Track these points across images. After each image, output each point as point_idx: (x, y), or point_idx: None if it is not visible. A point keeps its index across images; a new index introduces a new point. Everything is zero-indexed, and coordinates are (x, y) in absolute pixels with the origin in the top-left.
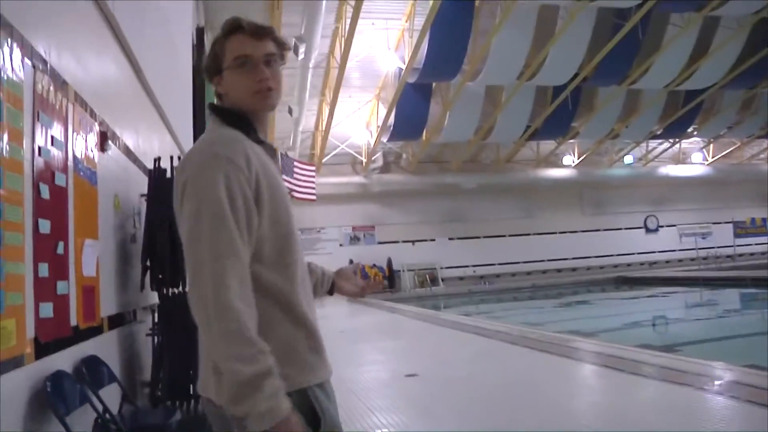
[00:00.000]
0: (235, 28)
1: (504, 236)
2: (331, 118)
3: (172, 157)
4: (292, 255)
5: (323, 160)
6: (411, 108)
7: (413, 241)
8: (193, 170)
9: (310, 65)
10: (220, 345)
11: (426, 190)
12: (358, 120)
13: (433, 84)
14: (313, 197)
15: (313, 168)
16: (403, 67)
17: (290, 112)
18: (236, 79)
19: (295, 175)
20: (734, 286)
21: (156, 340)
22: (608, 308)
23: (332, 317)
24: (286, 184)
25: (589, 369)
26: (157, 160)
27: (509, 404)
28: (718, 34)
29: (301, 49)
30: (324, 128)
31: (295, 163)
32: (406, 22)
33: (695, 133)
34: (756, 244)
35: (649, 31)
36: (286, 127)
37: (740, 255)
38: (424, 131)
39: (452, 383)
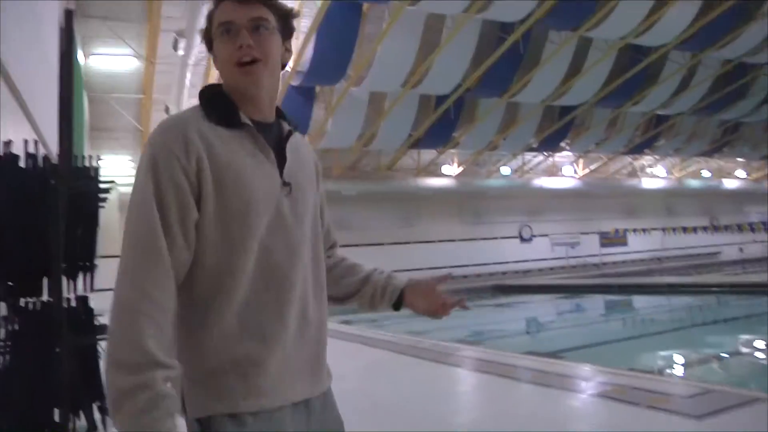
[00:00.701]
0: None
1: (384, 244)
2: None
3: (26, 141)
4: (240, 264)
5: None
6: (293, 112)
7: None
8: (140, 159)
9: (190, 62)
10: (109, 347)
11: None
12: None
13: (317, 88)
14: None
15: None
16: (287, 69)
17: (167, 111)
18: (220, 49)
19: None
20: (603, 293)
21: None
22: (488, 316)
23: None
24: None
25: (477, 377)
26: (8, 143)
27: (402, 417)
28: (591, 54)
29: (181, 45)
30: None
31: None
32: None
33: (567, 147)
34: (619, 253)
35: (530, 46)
36: None
37: (605, 263)
38: (306, 136)
39: (341, 397)
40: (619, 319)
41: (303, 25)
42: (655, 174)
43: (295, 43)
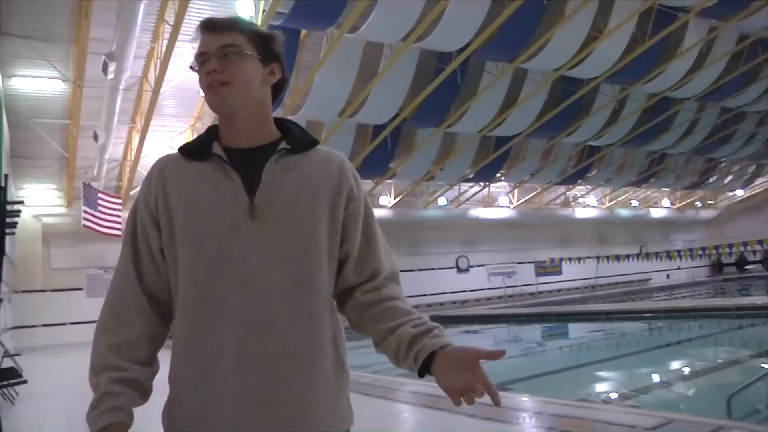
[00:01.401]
0: (199, 29)
1: None
2: (141, 148)
3: None
4: (184, 289)
5: (131, 193)
6: None
7: None
8: None
9: (121, 87)
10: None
11: None
12: (171, 151)
13: None
14: (119, 232)
15: (120, 201)
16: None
17: (95, 137)
18: (199, 76)
19: (99, 208)
20: (540, 322)
21: None
22: None
23: None
24: (89, 217)
25: (421, 412)
26: None
27: None
28: (526, 85)
29: (111, 69)
30: (133, 158)
31: (100, 195)
32: None
33: (503, 177)
34: (554, 282)
35: (467, 76)
36: (91, 154)
37: (540, 292)
38: None
39: None
40: (560, 347)
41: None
42: (587, 204)
43: None
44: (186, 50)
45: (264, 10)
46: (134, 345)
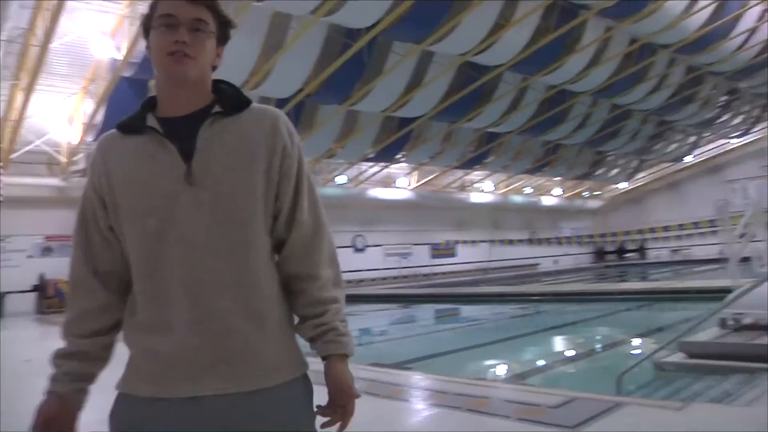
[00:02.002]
0: None
1: None
2: (26, 108)
3: None
4: (133, 258)
5: (12, 156)
6: (125, 106)
7: None
8: None
9: (2, 38)
10: None
11: None
12: (60, 113)
13: (151, 82)
14: None
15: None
16: (119, 58)
17: None
18: (155, 39)
19: None
20: (435, 302)
21: None
22: None
23: (16, 341)
24: None
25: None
26: None
27: None
28: (432, 68)
29: None
30: (16, 118)
31: None
32: (128, 7)
33: (403, 159)
34: (448, 264)
35: (374, 55)
36: None
37: (435, 273)
38: None
39: None
40: (454, 328)
41: (140, 9)
42: (483, 189)
43: (130, 30)
44: (80, 4)
45: None
46: (81, 319)
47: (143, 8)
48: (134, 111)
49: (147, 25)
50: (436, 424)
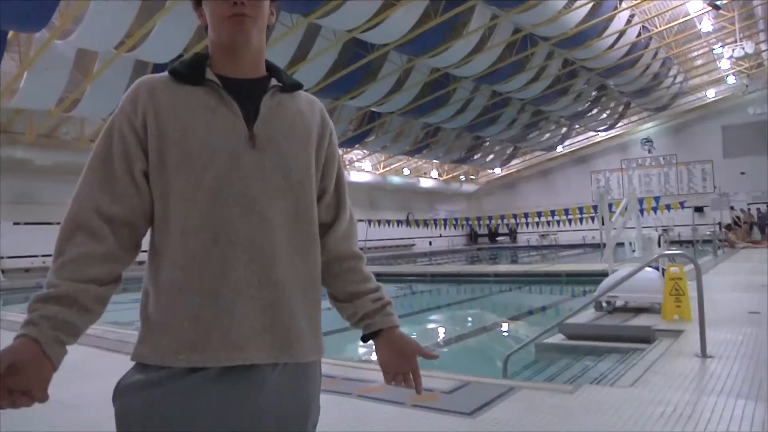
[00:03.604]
0: None
1: None
2: None
3: None
4: (181, 215)
5: None
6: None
7: None
8: None
9: None
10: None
11: None
12: None
13: (10, 33)
14: None
15: None
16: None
17: None
18: (212, 4)
19: None
20: None
21: None
22: None
23: None
24: None
25: None
26: None
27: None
28: (318, 42)
29: None
30: None
31: None
32: None
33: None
34: None
35: None
36: None
37: None
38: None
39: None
40: (329, 308)
41: None
42: (363, 168)
43: None
44: None
45: None
46: (77, 263)
47: None
48: (187, 59)
49: None
50: (330, 413)
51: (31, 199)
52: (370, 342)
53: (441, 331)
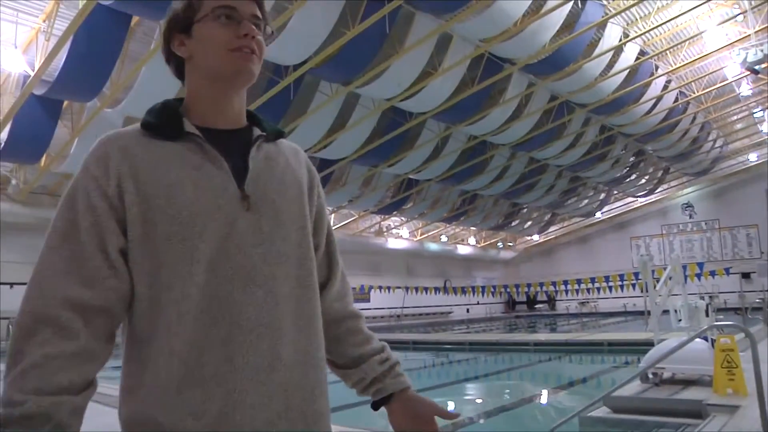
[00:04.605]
0: None
1: None
2: None
3: None
4: (175, 294)
5: None
6: (32, 125)
7: (12, 284)
8: None
9: None
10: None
11: (35, 225)
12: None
13: (65, 102)
14: None
15: None
16: (31, 74)
17: None
18: (212, 32)
19: None
20: None
21: None
22: None
23: None
24: None
25: None
26: None
27: None
28: (357, 110)
29: None
30: None
31: None
32: (44, 21)
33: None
34: (362, 309)
35: (300, 93)
36: None
37: None
38: (44, 156)
39: None
40: None
41: (57, 26)
42: (400, 235)
43: (45, 45)
44: None
45: None
46: (43, 368)
47: (61, 27)
48: (158, 108)
49: (188, 19)
50: None
51: None
52: (382, 409)
53: (480, 402)
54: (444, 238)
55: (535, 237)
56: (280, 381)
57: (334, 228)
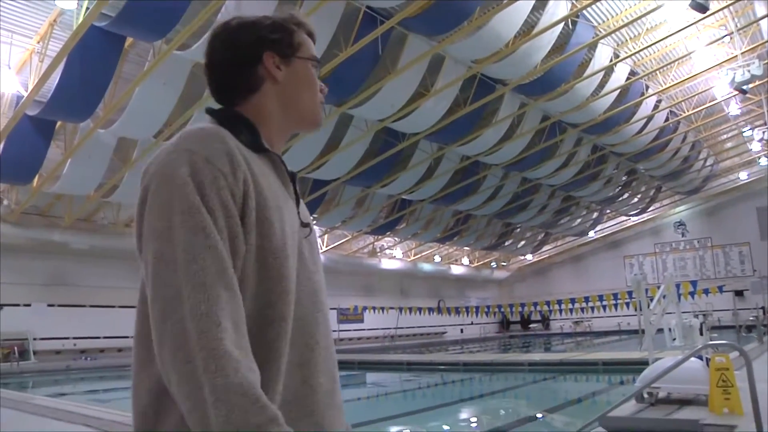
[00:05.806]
0: (310, 32)
1: (114, 307)
2: None
3: None
4: (278, 311)
5: None
6: (25, 145)
7: (1, 305)
8: (158, 174)
9: None
10: (217, 408)
11: (26, 245)
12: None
13: (58, 123)
14: None
15: None
16: (25, 94)
17: None
18: (313, 78)
19: None
20: (342, 369)
21: None
22: None
23: None
24: None
25: None
26: None
27: None
28: (350, 131)
29: None
30: None
31: None
32: (38, 42)
33: (315, 222)
34: (355, 330)
35: None
36: None
37: (342, 339)
38: (37, 176)
39: None
40: (359, 398)
41: (51, 47)
42: (393, 255)
43: (38, 66)
44: None
45: (87, 9)
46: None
47: (54, 48)
48: (239, 116)
49: (292, 47)
50: None
51: (65, 281)
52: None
53: (474, 423)
54: (437, 259)
55: (529, 257)
56: (339, 403)
57: (328, 249)
